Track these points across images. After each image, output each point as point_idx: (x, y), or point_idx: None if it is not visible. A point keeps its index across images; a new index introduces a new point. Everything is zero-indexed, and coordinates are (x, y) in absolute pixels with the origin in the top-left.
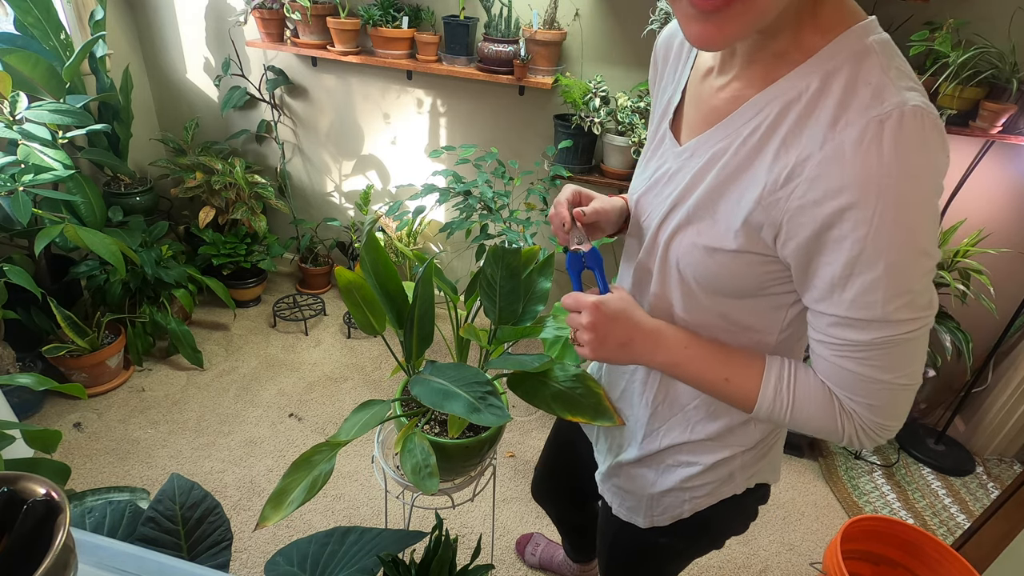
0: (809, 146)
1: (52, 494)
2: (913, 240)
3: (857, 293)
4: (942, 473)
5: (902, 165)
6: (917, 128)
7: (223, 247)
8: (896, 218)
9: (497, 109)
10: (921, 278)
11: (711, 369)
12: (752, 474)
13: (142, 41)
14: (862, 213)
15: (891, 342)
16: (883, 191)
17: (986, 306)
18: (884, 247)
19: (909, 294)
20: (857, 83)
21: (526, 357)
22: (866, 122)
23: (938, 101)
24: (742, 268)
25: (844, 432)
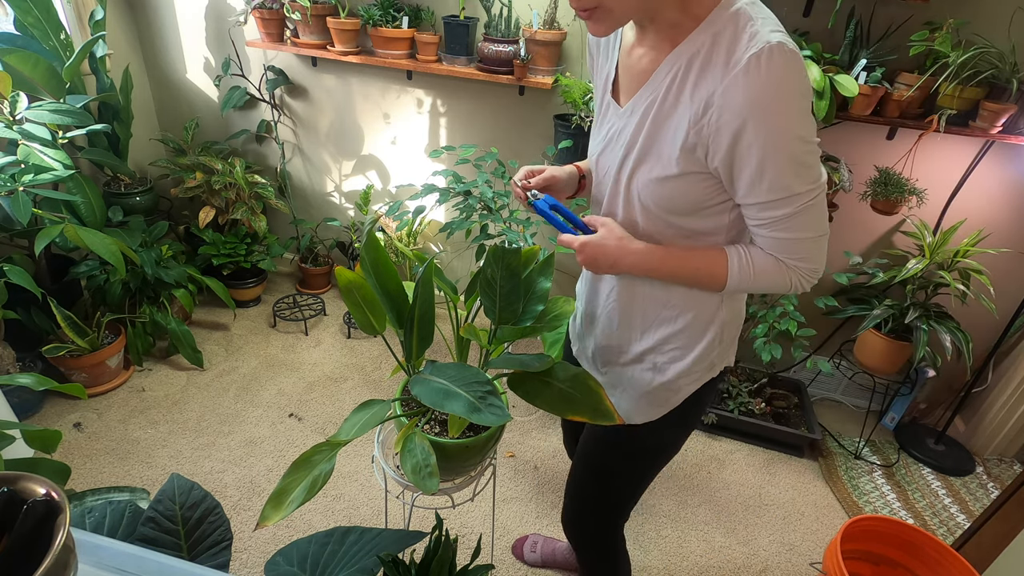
0: (713, 84)
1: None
2: (796, 134)
3: (770, 182)
4: (942, 473)
5: (775, 84)
6: (780, 56)
7: (223, 247)
8: (781, 123)
9: (497, 109)
10: (808, 158)
11: (686, 265)
12: (724, 357)
13: (142, 41)
14: (758, 124)
15: (802, 209)
16: (768, 105)
17: (986, 306)
18: (780, 145)
19: (805, 170)
20: (737, 34)
21: (526, 357)
22: (748, 58)
23: (938, 101)
24: (688, 187)
25: (791, 282)
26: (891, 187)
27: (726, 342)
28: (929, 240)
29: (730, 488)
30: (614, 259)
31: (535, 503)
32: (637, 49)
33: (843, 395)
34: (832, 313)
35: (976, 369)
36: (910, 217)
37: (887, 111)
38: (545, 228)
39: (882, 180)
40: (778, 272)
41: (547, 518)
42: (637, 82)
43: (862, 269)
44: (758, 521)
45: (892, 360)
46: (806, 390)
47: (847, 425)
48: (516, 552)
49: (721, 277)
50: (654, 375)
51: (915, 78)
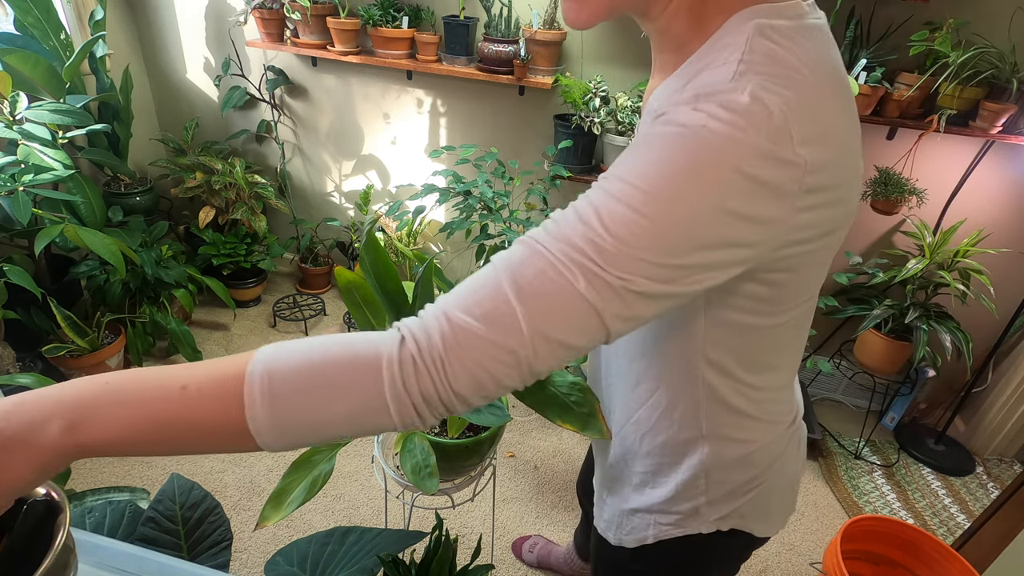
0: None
1: (52, 494)
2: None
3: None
4: (942, 473)
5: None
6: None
7: (223, 247)
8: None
9: (497, 109)
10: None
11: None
12: (724, 516)
13: (142, 41)
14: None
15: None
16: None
17: (986, 306)
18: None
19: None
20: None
21: None
22: (664, 120)
23: (938, 101)
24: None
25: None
26: (891, 187)
27: (713, 488)
28: (929, 240)
29: None
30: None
31: (535, 503)
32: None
33: (843, 395)
34: (832, 313)
35: (976, 369)
36: (910, 217)
37: (887, 111)
38: None
39: (882, 180)
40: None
41: (547, 518)
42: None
43: (862, 269)
44: None
45: (892, 360)
46: (806, 390)
47: (847, 425)
48: (515, 550)
49: (236, 421)
50: (623, 489)
51: (915, 78)
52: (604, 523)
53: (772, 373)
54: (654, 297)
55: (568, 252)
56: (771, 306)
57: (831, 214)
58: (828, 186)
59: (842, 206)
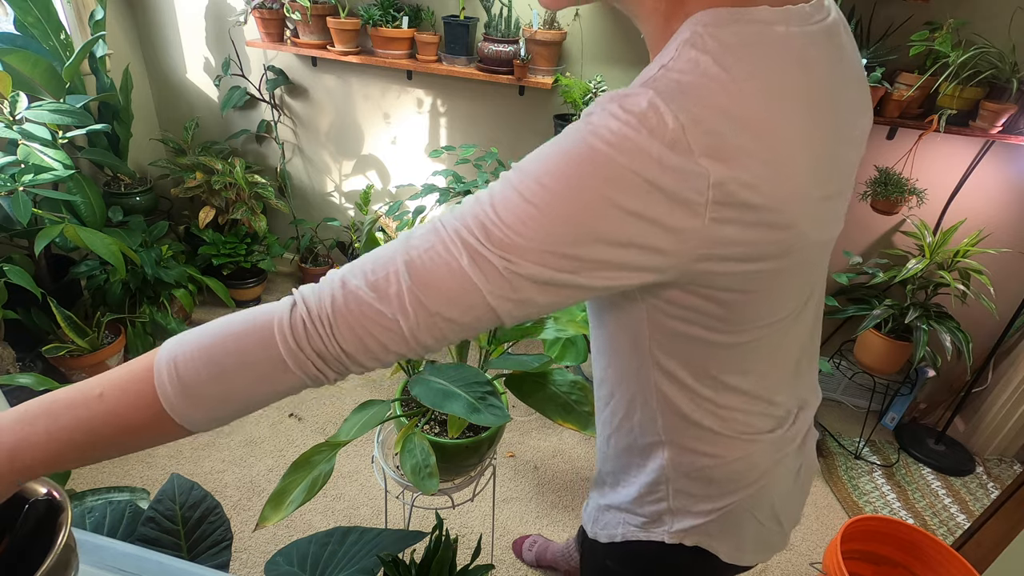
0: None
1: (53, 493)
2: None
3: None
4: (942, 473)
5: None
6: (612, 111)
7: (223, 247)
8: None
9: (497, 109)
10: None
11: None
12: (686, 530)
13: (142, 41)
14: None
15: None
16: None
17: (986, 306)
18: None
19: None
20: (650, 68)
21: (526, 357)
22: (580, 117)
23: (938, 101)
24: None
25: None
26: (891, 187)
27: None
28: (929, 240)
29: None
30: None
31: (535, 503)
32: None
33: (843, 395)
34: (832, 313)
35: (976, 369)
36: (910, 217)
37: (887, 111)
38: None
39: (882, 180)
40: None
41: (547, 518)
42: None
43: (862, 269)
44: None
45: (892, 360)
46: None
47: (847, 425)
48: (516, 549)
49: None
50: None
51: (915, 78)
52: (585, 515)
53: (736, 393)
54: (548, 284)
55: (459, 230)
56: (725, 324)
57: (764, 236)
58: (755, 205)
59: (782, 231)
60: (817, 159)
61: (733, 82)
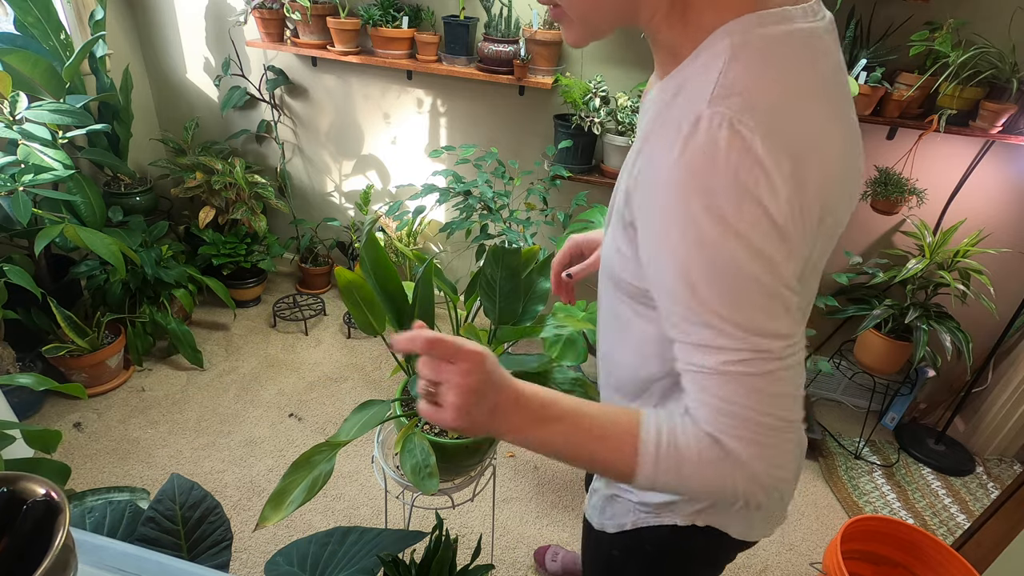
0: (651, 148)
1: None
2: (714, 258)
3: (680, 314)
4: (942, 473)
5: (688, 178)
6: (708, 135)
7: (223, 247)
8: (684, 233)
9: (497, 109)
10: (754, 297)
11: (578, 445)
12: (699, 510)
13: (142, 41)
14: (654, 226)
15: (739, 372)
16: (668, 203)
17: (986, 306)
18: (679, 266)
19: (740, 311)
20: (707, 78)
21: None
22: (670, 129)
23: (938, 101)
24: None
25: (736, 486)
26: (891, 187)
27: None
28: (929, 240)
29: None
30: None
31: (535, 503)
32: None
33: (843, 395)
34: (832, 313)
35: (976, 369)
36: (910, 217)
37: (887, 111)
38: (545, 228)
39: (882, 180)
40: (717, 465)
41: (547, 518)
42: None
43: (862, 269)
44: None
45: (892, 360)
46: (806, 390)
47: (847, 425)
48: (538, 559)
49: (626, 468)
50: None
51: (915, 78)
52: (590, 508)
53: None
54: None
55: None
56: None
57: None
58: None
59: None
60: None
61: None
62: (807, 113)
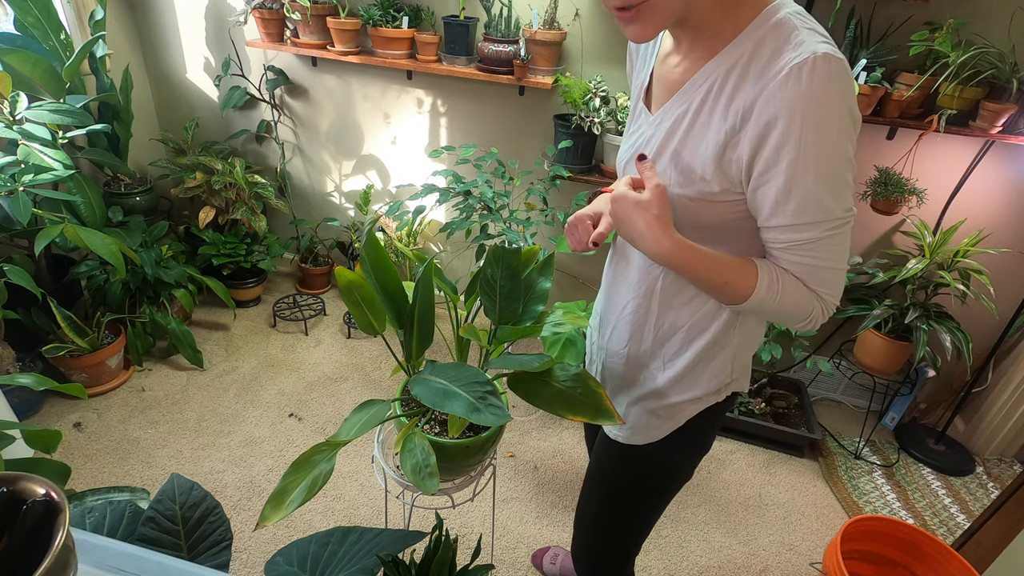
0: (751, 95)
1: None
2: (838, 150)
3: (800, 201)
4: (942, 473)
5: (816, 95)
6: (824, 67)
7: (223, 247)
8: (817, 137)
9: (497, 109)
10: (842, 185)
11: (715, 270)
12: (733, 383)
13: (142, 41)
14: (791, 136)
15: (831, 233)
16: (805, 116)
17: (986, 306)
18: (818, 159)
19: (842, 189)
20: (780, 43)
21: (526, 357)
22: (788, 67)
23: (938, 101)
24: (719, 207)
25: (813, 312)
26: (891, 187)
27: (737, 368)
28: (929, 240)
29: (730, 488)
30: (644, 226)
31: (535, 503)
32: (673, 57)
33: (843, 395)
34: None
35: (976, 369)
36: (910, 217)
37: (887, 111)
38: (545, 228)
39: (882, 180)
40: (804, 298)
41: (547, 518)
42: (669, 91)
43: (862, 269)
44: (758, 521)
45: (892, 360)
46: (806, 390)
47: (847, 425)
48: (536, 562)
49: (746, 290)
50: (656, 396)
51: (915, 78)
52: (628, 431)
53: None
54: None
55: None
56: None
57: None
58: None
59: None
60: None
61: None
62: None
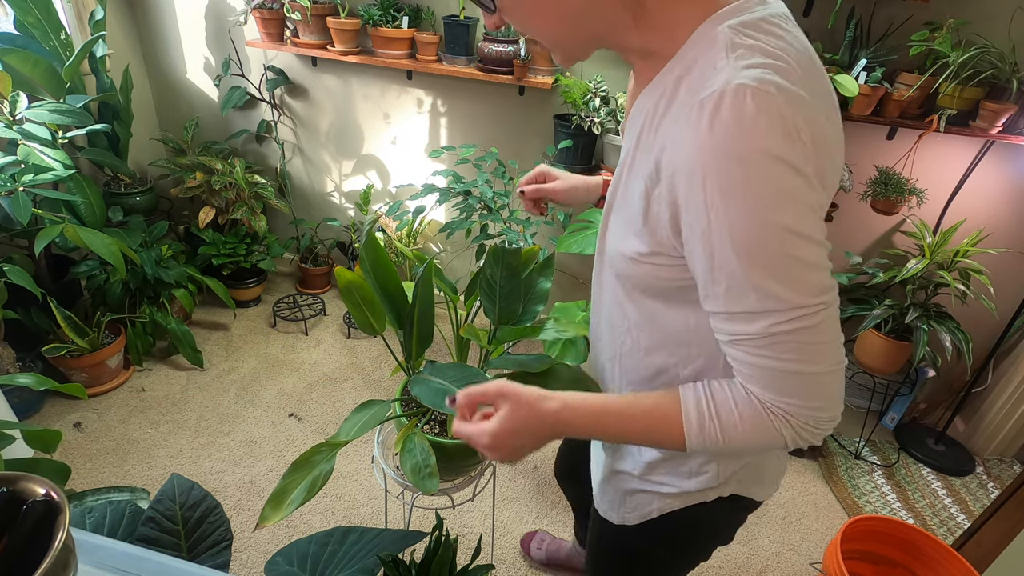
0: (665, 135)
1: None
2: (762, 225)
3: (726, 285)
4: (942, 473)
5: (719, 146)
6: (734, 107)
7: (223, 247)
8: (729, 203)
9: (497, 109)
10: (792, 265)
11: (625, 428)
12: (728, 480)
13: (142, 41)
14: (694, 199)
15: (783, 332)
16: (707, 175)
17: (986, 306)
18: (727, 238)
19: (782, 282)
20: (705, 69)
21: (527, 357)
22: (690, 106)
23: (938, 101)
24: (654, 269)
25: (785, 437)
26: (891, 187)
27: (726, 470)
28: (929, 240)
29: None
30: (532, 432)
31: (535, 503)
32: (631, 82)
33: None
34: None
35: (976, 369)
36: (910, 217)
37: (887, 111)
38: (545, 228)
39: (882, 180)
40: (758, 424)
41: (547, 518)
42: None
43: (862, 269)
44: (758, 521)
45: (892, 360)
46: None
47: (847, 425)
48: (524, 546)
49: (677, 442)
50: (628, 476)
51: (915, 78)
52: (606, 504)
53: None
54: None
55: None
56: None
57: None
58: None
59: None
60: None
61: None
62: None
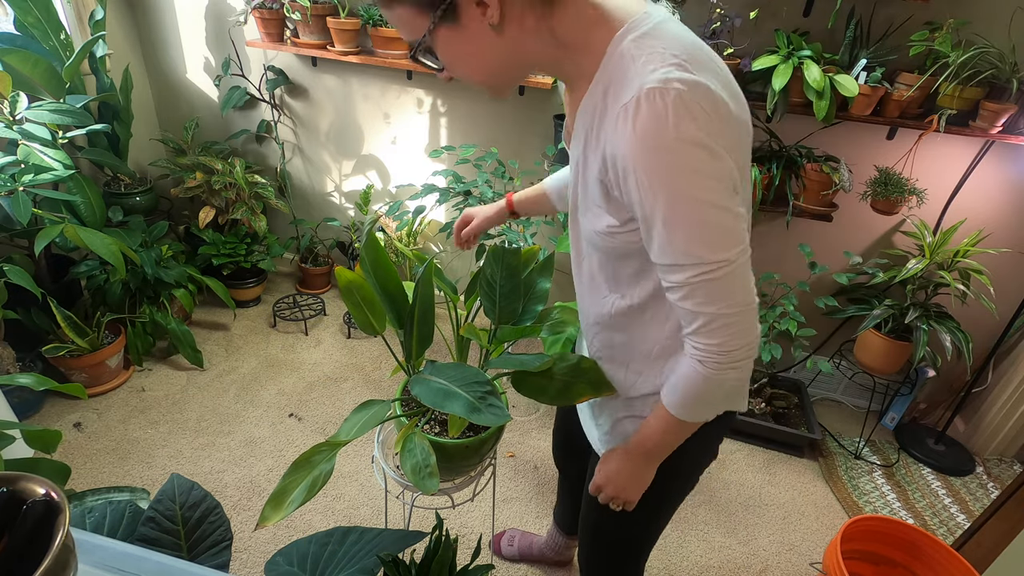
0: (604, 138)
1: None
2: (687, 199)
3: (658, 244)
4: (942, 473)
5: (644, 139)
6: (650, 105)
7: (223, 247)
8: (651, 183)
9: (497, 109)
10: (711, 231)
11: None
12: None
13: (142, 41)
14: (631, 183)
15: (702, 279)
16: (637, 163)
17: (986, 306)
18: (656, 207)
19: (703, 244)
20: (622, 80)
21: (526, 357)
22: (616, 112)
23: (938, 101)
24: (630, 236)
25: (706, 374)
26: (891, 187)
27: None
28: (929, 240)
29: (730, 488)
30: (628, 478)
31: (535, 503)
32: (567, 96)
33: (843, 395)
34: (832, 313)
35: (976, 369)
36: (910, 217)
37: (887, 111)
38: (545, 228)
39: (882, 180)
40: (693, 374)
41: (547, 518)
42: (571, 133)
43: (862, 269)
44: (758, 521)
45: (892, 360)
46: (806, 390)
47: (847, 425)
48: (495, 548)
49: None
50: (628, 405)
51: (915, 78)
52: (607, 437)
53: None
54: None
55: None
56: None
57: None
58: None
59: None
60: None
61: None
62: (699, 69)
